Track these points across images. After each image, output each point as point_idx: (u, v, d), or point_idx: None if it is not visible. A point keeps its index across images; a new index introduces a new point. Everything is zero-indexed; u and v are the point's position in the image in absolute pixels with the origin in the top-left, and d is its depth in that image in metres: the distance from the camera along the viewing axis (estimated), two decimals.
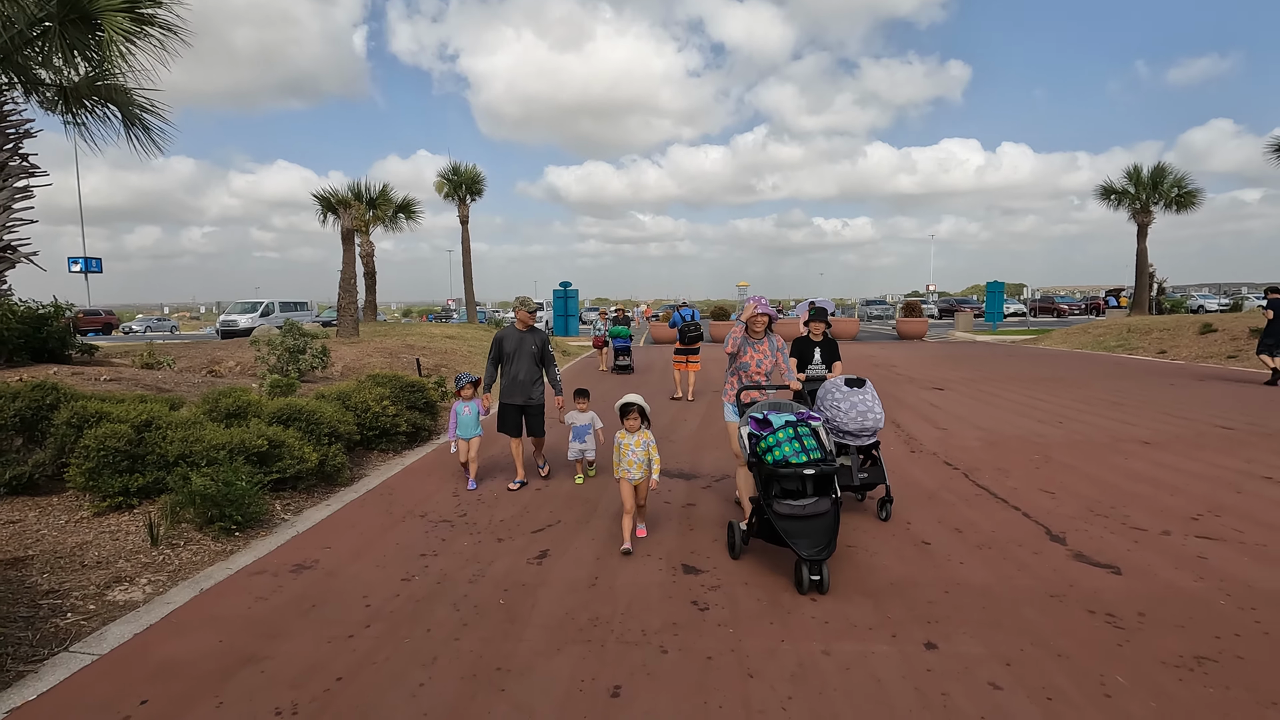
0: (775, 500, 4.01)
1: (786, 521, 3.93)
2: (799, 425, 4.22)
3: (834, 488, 4.10)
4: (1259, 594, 3.80)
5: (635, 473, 4.56)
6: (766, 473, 4.10)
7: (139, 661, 3.26)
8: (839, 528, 3.99)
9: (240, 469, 5.13)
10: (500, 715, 2.80)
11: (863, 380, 5.38)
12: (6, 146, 6.75)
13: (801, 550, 3.82)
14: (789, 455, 4.07)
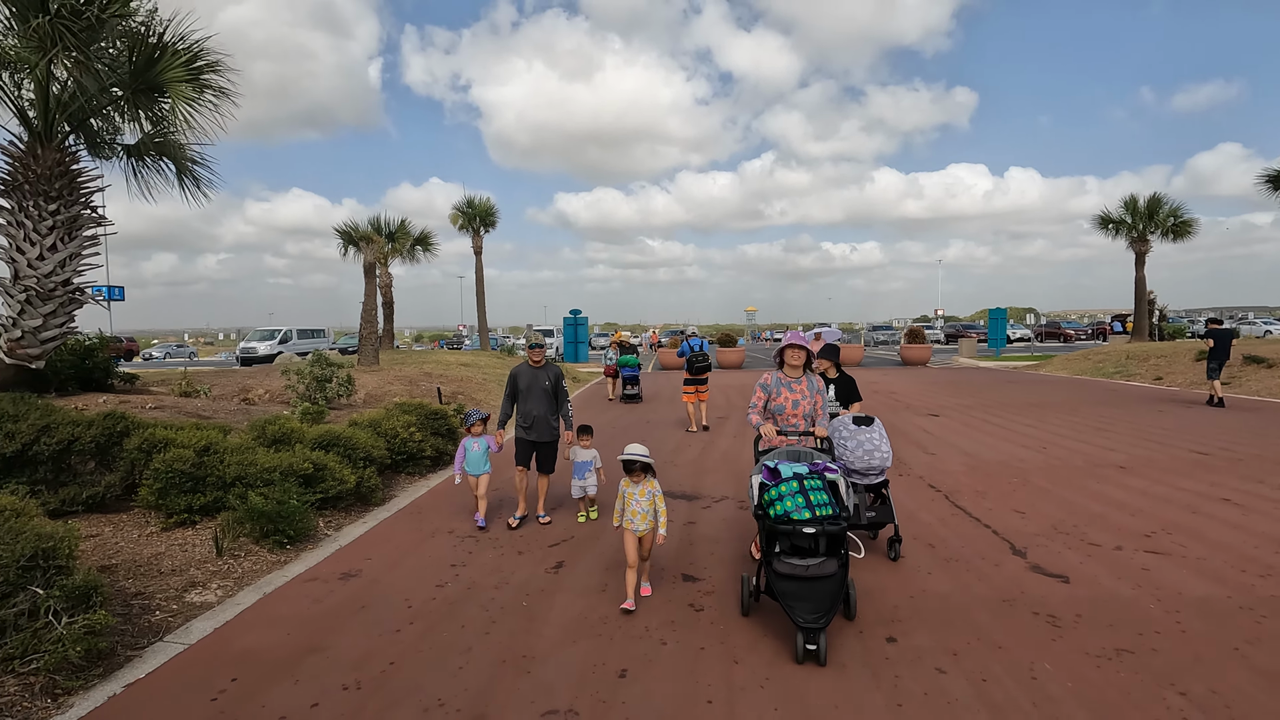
0: (777, 557, 3.76)
1: (785, 582, 3.64)
2: (808, 478, 3.88)
3: (845, 548, 3.78)
4: (1186, 600, 4.35)
5: (640, 524, 4.31)
6: (769, 527, 3.85)
7: (223, 650, 3.89)
8: (846, 593, 3.69)
9: (291, 489, 5.79)
10: (527, 690, 3.41)
11: (871, 418, 5.33)
12: (79, 202, 7.55)
13: (798, 616, 3.51)
14: (790, 510, 3.77)
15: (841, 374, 6.45)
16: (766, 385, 4.79)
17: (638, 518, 4.31)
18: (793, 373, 4.77)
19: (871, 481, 5.24)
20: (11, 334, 7.34)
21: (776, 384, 4.76)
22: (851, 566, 5.04)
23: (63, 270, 7.46)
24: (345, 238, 21.15)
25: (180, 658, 3.80)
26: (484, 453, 6.21)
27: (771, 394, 4.78)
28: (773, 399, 4.76)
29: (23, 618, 3.52)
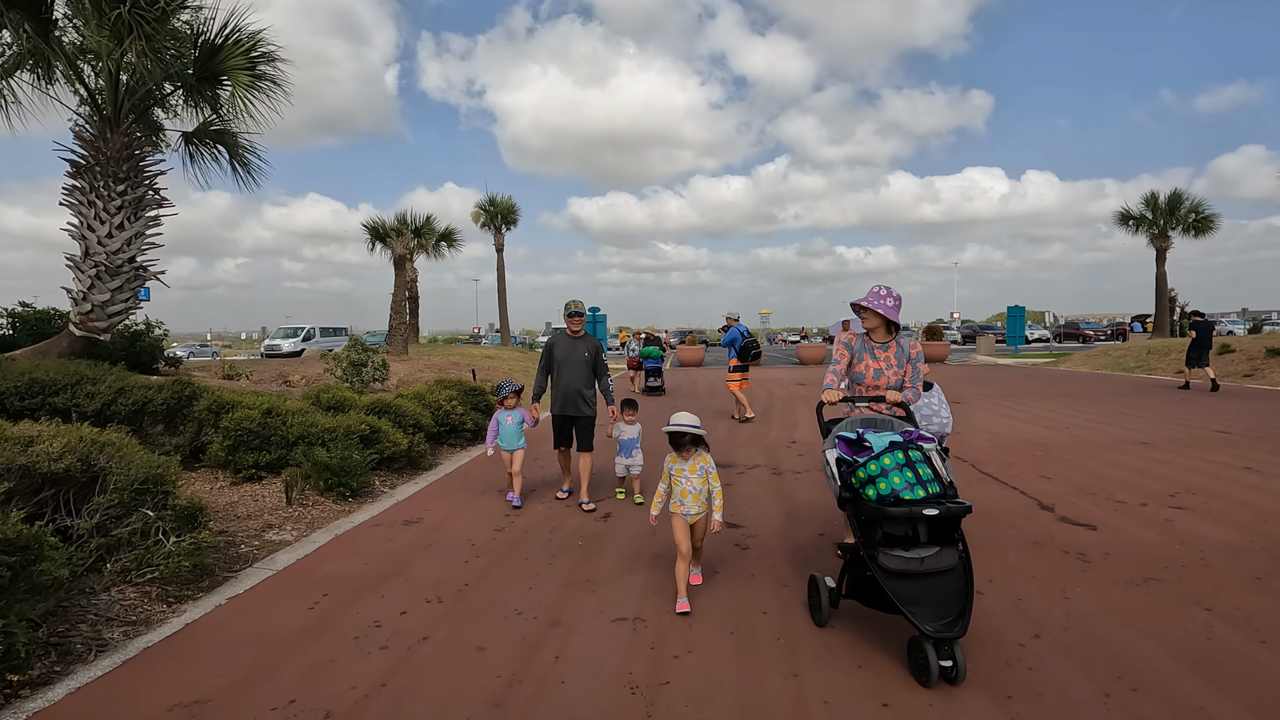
0: (881, 550, 2.98)
1: (899, 581, 2.88)
2: (909, 448, 3.11)
3: (960, 535, 3.03)
4: (1209, 544, 4.57)
5: (691, 507, 3.68)
6: (868, 512, 3.03)
7: (309, 574, 4.23)
8: (974, 591, 2.95)
9: (352, 447, 6.14)
10: (595, 604, 3.71)
11: (930, 384, 5.06)
12: (144, 184, 7.98)
13: (923, 623, 2.75)
14: (899, 488, 2.99)
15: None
16: (850, 345, 3.98)
17: (688, 499, 3.68)
18: (876, 336, 3.96)
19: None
20: (81, 307, 7.77)
21: (860, 347, 3.96)
22: None
23: (128, 248, 7.89)
24: (373, 233, 21.66)
25: (272, 579, 4.14)
26: (518, 426, 5.87)
27: (854, 357, 3.98)
28: (854, 365, 3.97)
29: (136, 535, 3.87)
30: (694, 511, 3.70)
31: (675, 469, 3.75)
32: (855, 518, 3.13)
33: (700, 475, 3.72)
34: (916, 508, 2.93)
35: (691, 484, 3.70)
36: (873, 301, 3.88)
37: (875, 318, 3.90)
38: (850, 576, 3.25)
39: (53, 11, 7.04)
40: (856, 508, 3.12)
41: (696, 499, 3.70)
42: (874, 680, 2.87)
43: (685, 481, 3.70)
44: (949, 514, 2.93)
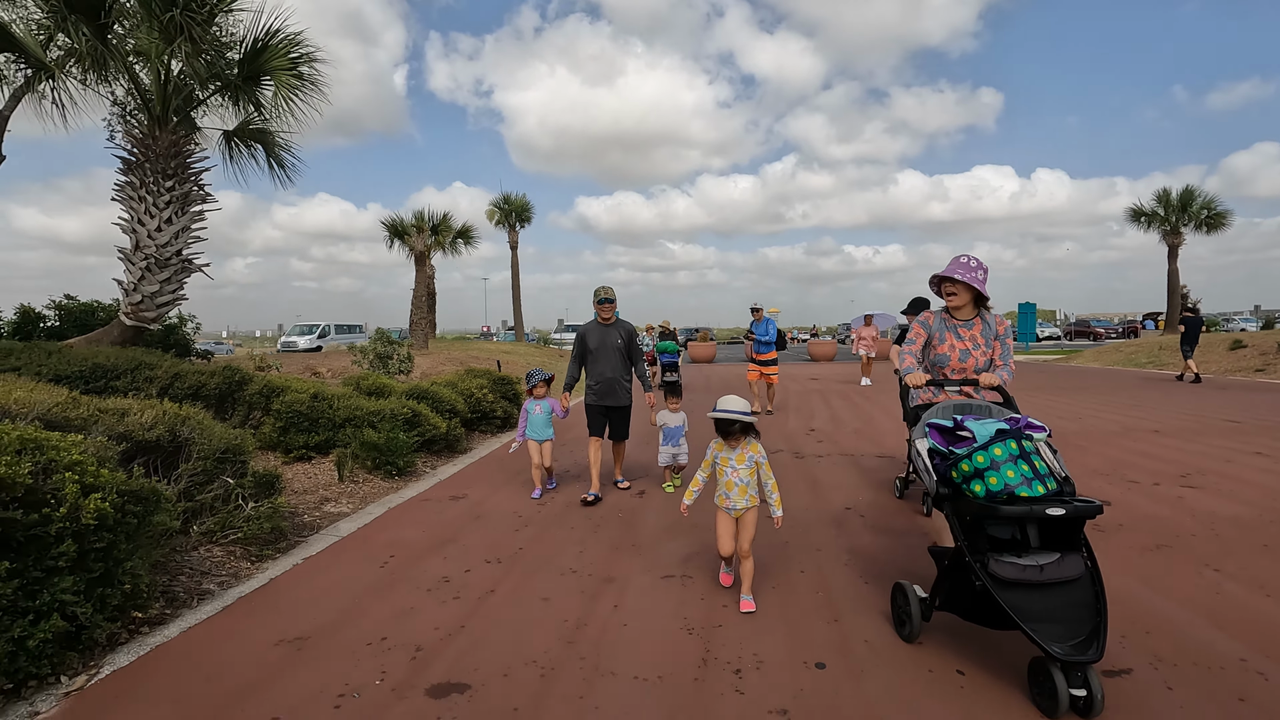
0: (991, 556, 2.55)
1: (1015, 593, 2.48)
2: (1021, 437, 2.69)
3: (1084, 539, 2.61)
4: (1218, 517, 4.82)
5: (737, 500, 3.33)
6: (974, 511, 2.61)
7: (372, 540, 4.54)
8: (1106, 606, 2.49)
9: (398, 428, 6.46)
10: (642, 563, 4.00)
11: None
12: (190, 179, 8.33)
13: (1050, 643, 2.35)
14: (1013, 484, 2.56)
15: None
16: (928, 324, 3.61)
17: (734, 492, 3.34)
18: (960, 314, 3.56)
19: None
20: (132, 298, 8.12)
21: (940, 326, 3.58)
22: (914, 497, 5.54)
23: (176, 241, 8.24)
24: (391, 230, 22.05)
25: (340, 543, 4.46)
26: (547, 416, 5.66)
27: (934, 338, 3.60)
28: (934, 346, 3.59)
29: (218, 500, 4.19)
30: (739, 506, 3.34)
31: (721, 457, 3.39)
32: (957, 518, 2.69)
33: (749, 466, 3.35)
34: (1037, 506, 2.49)
35: (739, 475, 3.34)
36: (961, 273, 3.40)
37: (964, 292, 3.44)
38: (948, 586, 2.77)
39: (110, 15, 7.38)
40: (959, 506, 2.68)
41: (743, 492, 3.34)
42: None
43: (732, 473, 3.34)
44: (1077, 514, 2.49)
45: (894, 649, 2.92)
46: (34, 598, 2.56)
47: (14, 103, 9.78)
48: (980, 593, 2.55)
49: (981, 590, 2.53)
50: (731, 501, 3.37)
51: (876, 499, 5.44)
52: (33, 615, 2.54)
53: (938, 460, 2.90)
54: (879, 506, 5.23)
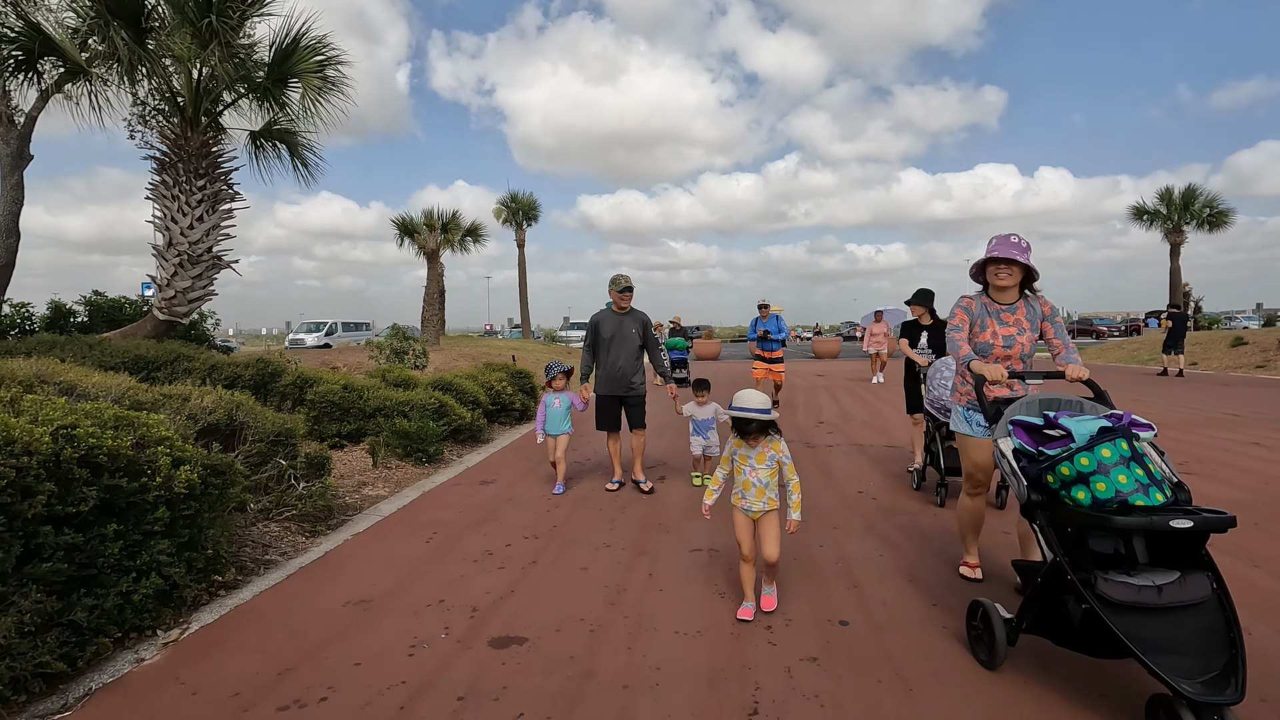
0: (1098, 575, 2.23)
1: (1130, 618, 2.16)
2: (1129, 438, 2.36)
3: (1207, 555, 2.27)
4: (1215, 499, 5.07)
5: (754, 502, 3.14)
6: (1079, 522, 2.31)
7: (413, 519, 4.82)
8: (1241, 636, 2.13)
9: (428, 417, 6.74)
10: (671, 539, 4.27)
11: None
12: (220, 179, 8.62)
13: (1178, 679, 2.03)
14: (1126, 491, 2.25)
15: (937, 320, 6.07)
16: (970, 309, 3.32)
17: (750, 493, 3.14)
18: (1003, 297, 3.29)
19: None
20: (165, 293, 8.41)
21: (981, 311, 3.30)
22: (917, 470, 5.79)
23: (207, 239, 8.52)
24: (402, 228, 22.33)
25: (383, 522, 4.74)
26: (565, 410, 5.62)
27: (975, 323, 3.31)
28: (975, 333, 3.31)
29: (272, 480, 4.47)
30: (756, 508, 3.14)
31: (739, 455, 3.19)
32: (1053, 528, 2.39)
33: (769, 466, 3.14)
34: (1159, 518, 2.14)
35: (758, 475, 3.13)
36: (1010, 251, 3.13)
37: (1015, 272, 3.17)
38: (1040, 607, 2.43)
39: (149, 21, 7.66)
40: (1058, 516, 2.38)
41: (761, 494, 3.12)
42: None
43: (750, 472, 3.15)
44: (1207, 527, 2.14)
45: (910, 610, 3.19)
46: (135, 558, 2.84)
47: (41, 103, 10.08)
48: (1086, 617, 2.22)
49: (1088, 614, 2.20)
50: (748, 503, 3.15)
51: (887, 484, 5.71)
52: (135, 573, 2.82)
53: (1025, 463, 2.52)
54: (891, 490, 5.49)
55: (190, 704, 2.44)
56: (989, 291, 3.35)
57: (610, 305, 5.63)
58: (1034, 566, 2.56)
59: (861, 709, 2.39)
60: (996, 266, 3.23)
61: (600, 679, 2.60)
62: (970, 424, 3.37)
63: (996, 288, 3.28)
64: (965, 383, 3.38)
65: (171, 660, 2.77)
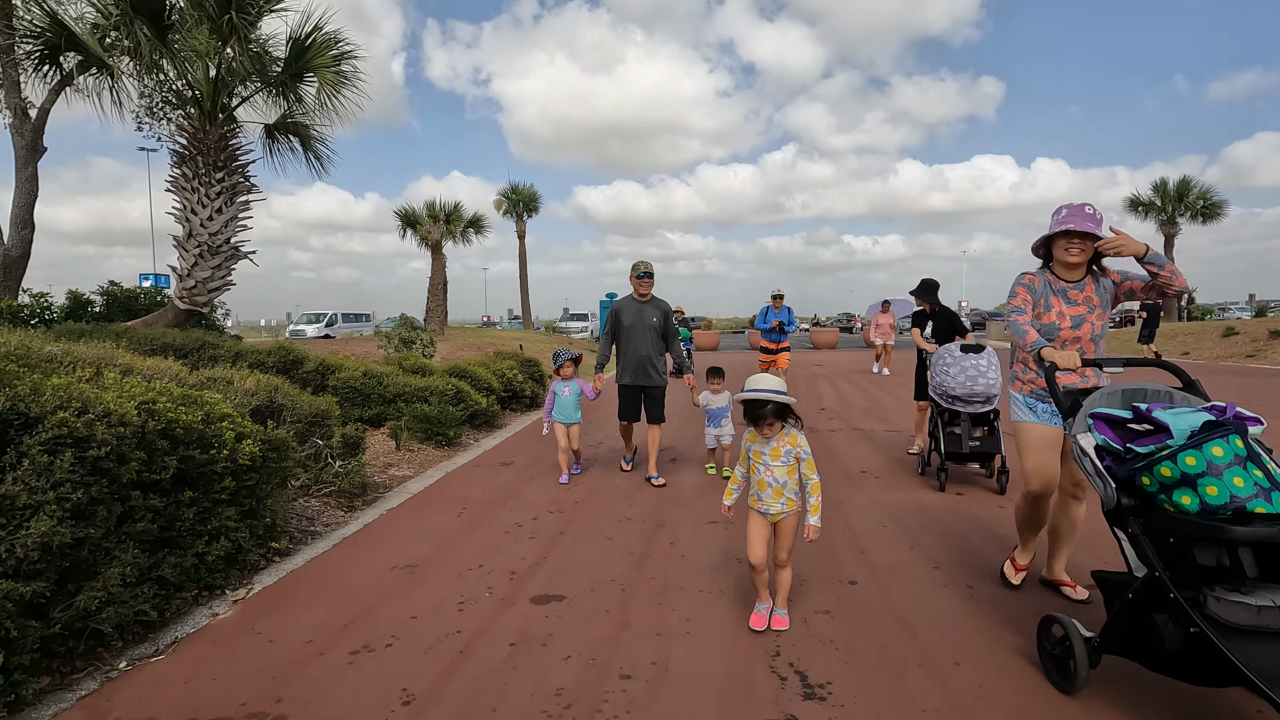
0: (1206, 593, 1.94)
1: (1249, 644, 1.85)
2: (1240, 434, 2.05)
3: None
4: None
5: (772, 503, 2.81)
6: (1183, 530, 2.00)
7: (442, 496, 5.09)
8: None
9: (447, 402, 7.00)
10: (688, 513, 4.56)
11: (981, 346, 5.10)
12: (238, 171, 8.83)
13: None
14: (1243, 496, 1.93)
15: (942, 309, 6.16)
16: (1032, 287, 2.98)
17: (767, 493, 2.81)
18: (1070, 273, 2.95)
19: (977, 410, 5.02)
20: (186, 283, 8.64)
21: (1045, 289, 2.96)
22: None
23: (226, 230, 8.74)
24: (404, 220, 22.51)
25: (415, 498, 5.01)
26: (575, 399, 5.49)
27: (1038, 303, 2.97)
28: (1039, 314, 2.97)
29: (310, 459, 4.73)
30: (774, 510, 2.80)
31: (754, 450, 2.87)
32: (1148, 538, 2.09)
33: (785, 463, 2.78)
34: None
35: (774, 474, 2.79)
36: (1086, 224, 2.78)
37: (1089, 248, 2.84)
38: (1128, 626, 2.17)
39: (171, 17, 7.85)
40: (1154, 523, 2.09)
41: (778, 494, 2.79)
42: None
43: (765, 470, 2.80)
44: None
45: (913, 571, 3.47)
46: (205, 523, 3.10)
47: (54, 96, 10.25)
48: (1191, 641, 1.93)
49: (1194, 638, 1.92)
50: (764, 504, 2.82)
51: (888, 464, 6.00)
52: (207, 537, 3.08)
53: (1110, 461, 2.24)
54: (891, 471, 5.79)
55: (269, 649, 2.72)
56: (1052, 268, 3.01)
57: (631, 294, 5.56)
58: (1121, 580, 2.24)
59: (872, 651, 2.67)
60: (1069, 241, 2.87)
61: (636, 628, 2.88)
62: (1035, 412, 3.02)
63: (1065, 264, 2.93)
64: (1027, 370, 3.03)
65: (243, 615, 3.04)
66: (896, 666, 2.55)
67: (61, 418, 2.41)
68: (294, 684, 2.45)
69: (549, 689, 2.41)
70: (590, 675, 2.51)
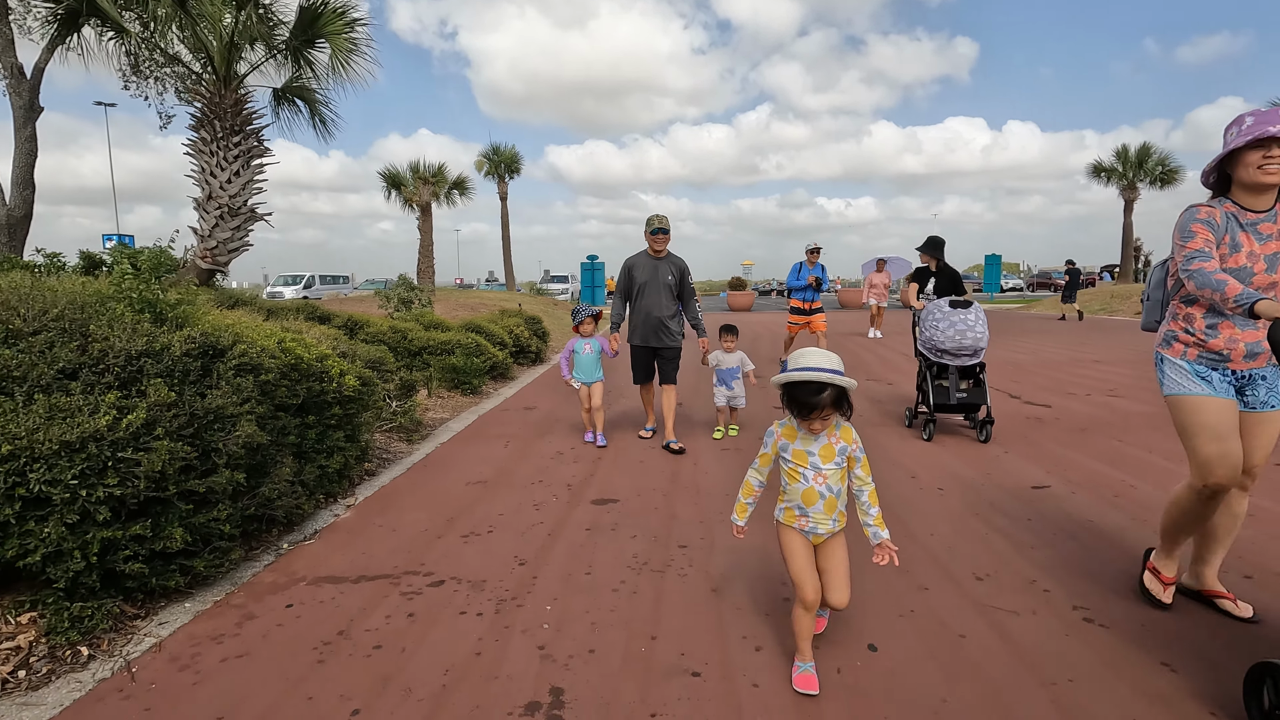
0: None
1: None
2: None
3: None
4: (1132, 413, 6.28)
5: (822, 520, 2.14)
6: None
7: (484, 433, 5.78)
8: None
9: (472, 354, 7.64)
10: (705, 444, 5.31)
11: (969, 302, 5.26)
12: (252, 135, 9.17)
13: None
14: None
15: (944, 267, 6.18)
16: (1213, 223, 2.33)
17: (818, 507, 2.13)
18: (1259, 201, 2.34)
19: (964, 363, 5.26)
20: (207, 243, 9.03)
21: (1229, 223, 2.34)
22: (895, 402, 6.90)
23: (244, 193, 9.11)
24: (389, 181, 22.60)
25: (460, 435, 5.69)
26: (596, 357, 5.32)
27: (1222, 242, 2.34)
28: (1223, 256, 2.34)
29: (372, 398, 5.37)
30: (824, 529, 2.14)
31: (794, 451, 2.15)
32: None
33: (839, 465, 2.13)
34: None
35: (826, 480, 2.11)
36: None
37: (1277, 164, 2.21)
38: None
39: None
40: None
41: (832, 507, 2.13)
42: None
43: (814, 476, 2.11)
44: None
45: (905, 486, 4.28)
46: (323, 442, 3.76)
47: (48, 55, 10.40)
48: None
49: None
50: (811, 522, 2.13)
51: (874, 409, 6.82)
52: (326, 453, 3.74)
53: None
54: (881, 413, 6.61)
55: (394, 536, 3.42)
56: (1233, 196, 2.38)
57: (646, 250, 5.30)
58: None
59: None
60: (1267, 151, 2.19)
61: (682, 519, 3.64)
62: (1210, 382, 2.37)
63: (1255, 186, 2.28)
64: (1192, 328, 2.41)
65: (360, 515, 3.73)
66: None
67: (242, 349, 3.04)
68: (428, 555, 3.17)
69: (626, 555, 3.16)
70: (655, 546, 3.26)
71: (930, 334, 5.32)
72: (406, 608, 2.65)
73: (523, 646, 2.37)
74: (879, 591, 2.76)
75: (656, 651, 2.34)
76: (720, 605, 2.69)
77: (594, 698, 2.08)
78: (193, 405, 2.66)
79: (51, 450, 2.16)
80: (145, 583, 2.48)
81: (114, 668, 2.23)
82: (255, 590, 2.80)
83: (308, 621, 2.55)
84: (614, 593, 2.78)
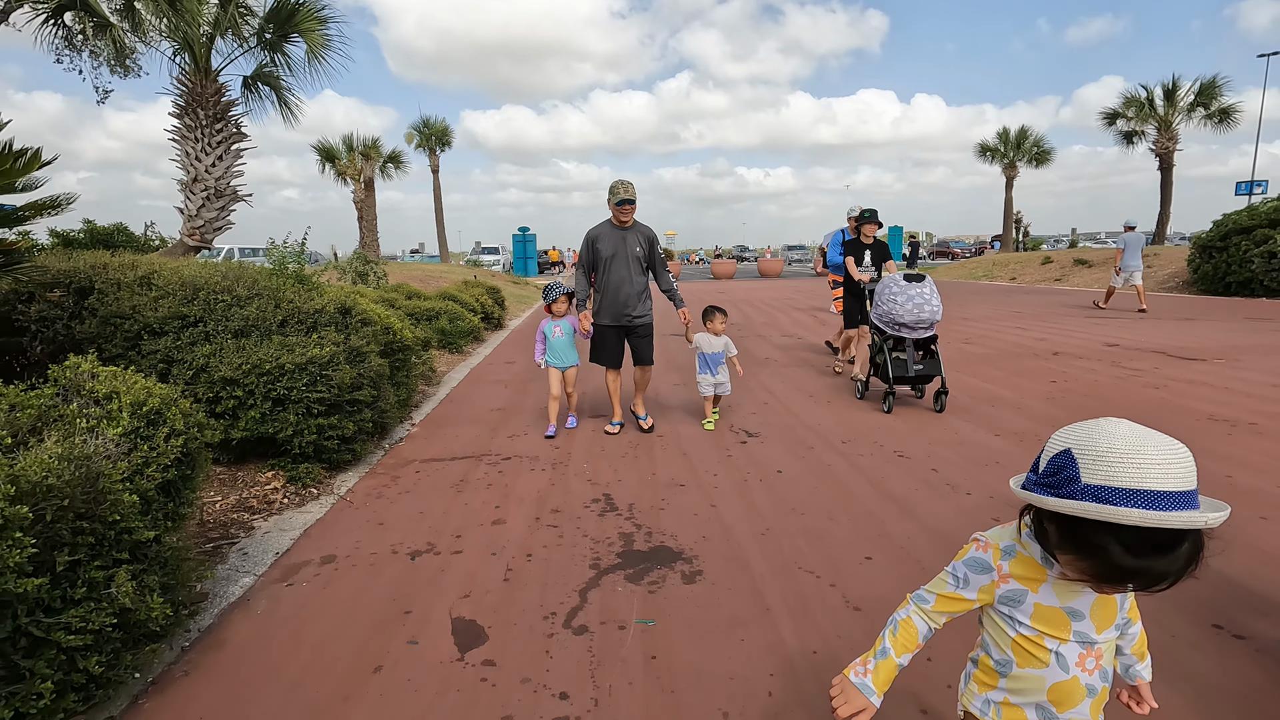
0: None
1: None
2: None
3: None
4: (1070, 367, 8.36)
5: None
6: None
7: (482, 378, 7.21)
8: None
9: (455, 319, 8.97)
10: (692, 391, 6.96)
11: (923, 276, 5.36)
12: (232, 122, 9.97)
13: None
14: None
15: (877, 240, 6.66)
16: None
17: (1080, 709, 1.13)
18: None
19: (921, 336, 5.41)
20: (194, 222, 9.83)
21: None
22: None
23: (227, 175, 9.93)
24: (323, 154, 22.80)
25: (464, 381, 7.11)
26: (570, 338, 5.07)
27: None
28: None
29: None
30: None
31: (1038, 607, 1.11)
32: None
33: (1119, 628, 1.15)
34: None
35: (1100, 661, 1.13)
36: None
37: None
38: None
39: None
40: None
41: (1099, 706, 1.15)
42: None
43: (1081, 656, 1.11)
44: None
45: (851, 401, 6.04)
46: (393, 378, 5.14)
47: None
48: None
49: None
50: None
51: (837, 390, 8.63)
52: (395, 385, 5.13)
53: None
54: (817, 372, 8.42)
55: (458, 439, 4.88)
56: None
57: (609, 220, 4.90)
58: None
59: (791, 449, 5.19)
60: None
61: (666, 440, 5.27)
62: None
63: None
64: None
65: (425, 429, 5.16)
66: None
67: (362, 305, 4.40)
68: (491, 445, 4.67)
69: (624, 441, 4.76)
70: (644, 435, 4.88)
71: (889, 308, 5.35)
72: (495, 469, 4.18)
73: (577, 481, 3.95)
74: None
75: (658, 478, 3.97)
76: (679, 441, 4.34)
77: (628, 497, 3.69)
78: (349, 344, 4.04)
79: (294, 367, 3.54)
80: (332, 456, 3.89)
81: (333, 500, 3.66)
82: (389, 465, 4.25)
83: (437, 478, 4.03)
84: (623, 456, 4.40)
